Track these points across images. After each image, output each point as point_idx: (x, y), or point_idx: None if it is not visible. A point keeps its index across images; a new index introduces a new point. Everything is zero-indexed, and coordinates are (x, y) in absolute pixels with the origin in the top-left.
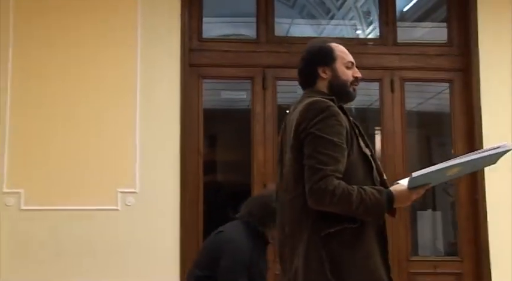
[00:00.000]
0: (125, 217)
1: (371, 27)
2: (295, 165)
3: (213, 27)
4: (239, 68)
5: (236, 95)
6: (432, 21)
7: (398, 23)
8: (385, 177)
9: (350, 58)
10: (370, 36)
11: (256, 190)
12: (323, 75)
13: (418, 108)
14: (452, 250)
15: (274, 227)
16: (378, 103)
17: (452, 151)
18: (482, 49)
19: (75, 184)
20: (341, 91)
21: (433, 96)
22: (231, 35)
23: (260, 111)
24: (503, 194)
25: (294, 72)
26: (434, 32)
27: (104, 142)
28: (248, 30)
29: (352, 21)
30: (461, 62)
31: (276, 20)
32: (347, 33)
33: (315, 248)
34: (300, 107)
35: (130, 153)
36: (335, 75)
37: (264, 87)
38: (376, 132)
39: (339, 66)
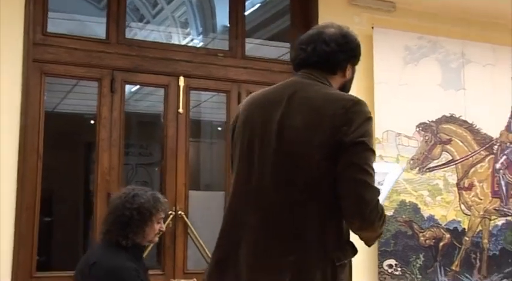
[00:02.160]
0: None
1: (189, 38)
2: (321, 167)
3: (59, 23)
4: (87, 68)
5: None
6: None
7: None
8: None
9: None
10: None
11: (99, 198)
12: (347, 73)
13: None
14: None
15: (139, 232)
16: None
17: None
18: None
19: None
20: None
21: None
22: (79, 33)
23: (107, 116)
24: None
25: (144, 77)
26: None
27: None
28: (97, 30)
29: (168, 29)
30: None
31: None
32: (161, 39)
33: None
34: (334, 98)
35: None
36: (351, 79)
37: (112, 91)
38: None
39: (354, 72)
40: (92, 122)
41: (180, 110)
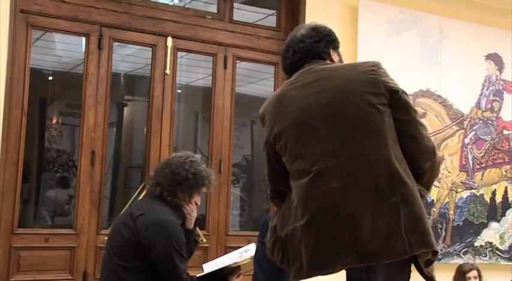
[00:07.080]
0: None
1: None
2: (387, 120)
3: None
4: (74, 23)
5: None
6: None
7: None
8: None
9: None
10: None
11: (84, 157)
12: (333, 57)
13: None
14: None
15: (187, 195)
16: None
17: None
18: None
19: None
20: None
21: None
22: None
23: (94, 72)
24: None
25: (133, 35)
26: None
27: None
28: None
29: None
30: None
31: None
32: None
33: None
34: (363, 67)
35: None
36: (340, 61)
37: (99, 47)
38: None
39: (340, 55)
40: (50, 78)
41: (167, 71)
